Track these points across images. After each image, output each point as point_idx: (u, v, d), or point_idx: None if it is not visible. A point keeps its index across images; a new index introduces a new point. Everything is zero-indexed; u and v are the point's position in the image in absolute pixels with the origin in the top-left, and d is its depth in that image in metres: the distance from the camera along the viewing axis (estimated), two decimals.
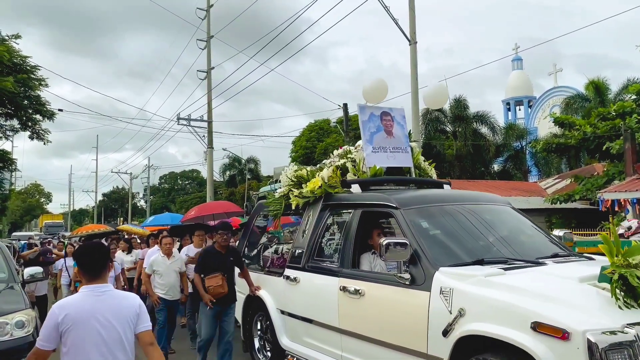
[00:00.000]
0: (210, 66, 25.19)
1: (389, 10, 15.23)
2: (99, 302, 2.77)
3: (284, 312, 5.49)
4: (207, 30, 24.85)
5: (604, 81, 22.02)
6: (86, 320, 2.69)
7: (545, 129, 25.77)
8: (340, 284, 4.64)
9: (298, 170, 5.79)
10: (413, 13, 14.99)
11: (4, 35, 21.77)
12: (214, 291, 5.59)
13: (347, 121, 27.21)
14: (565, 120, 19.94)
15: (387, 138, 5.40)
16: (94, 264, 2.88)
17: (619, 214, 14.87)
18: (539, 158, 23.99)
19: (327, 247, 5.09)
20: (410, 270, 4.04)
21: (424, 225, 4.35)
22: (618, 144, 17.42)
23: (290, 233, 6.88)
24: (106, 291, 2.84)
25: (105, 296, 2.81)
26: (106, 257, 2.98)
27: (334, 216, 5.22)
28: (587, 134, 18.80)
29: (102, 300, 2.78)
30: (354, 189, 5.06)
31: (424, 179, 5.58)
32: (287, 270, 5.45)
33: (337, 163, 5.43)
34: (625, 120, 17.55)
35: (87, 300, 2.77)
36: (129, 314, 2.81)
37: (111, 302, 2.81)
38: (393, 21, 14.89)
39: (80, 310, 2.72)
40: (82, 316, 2.70)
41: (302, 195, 5.47)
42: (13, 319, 5.02)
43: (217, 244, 5.83)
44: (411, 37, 14.60)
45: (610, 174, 18.08)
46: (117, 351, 2.73)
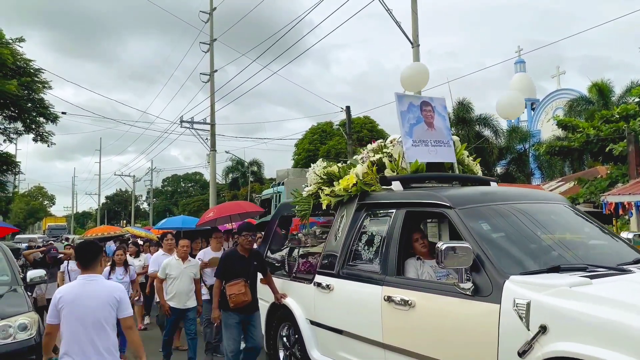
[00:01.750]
0: (213, 69, 24.72)
1: (392, 13, 14.80)
2: (85, 288, 3.40)
3: (314, 322, 4.84)
4: (210, 33, 24.40)
5: (608, 83, 21.51)
6: (73, 301, 3.34)
7: (549, 131, 25.20)
8: (384, 294, 4.00)
9: (328, 167, 5.14)
10: (416, 16, 14.55)
11: (8, 39, 21.26)
12: (236, 299, 4.95)
13: (350, 124, 26.64)
14: (568, 122, 19.49)
15: (427, 130, 4.76)
16: (86, 257, 3.50)
17: (623, 217, 14.37)
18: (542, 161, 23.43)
19: (365, 251, 4.45)
20: (474, 278, 3.41)
21: (484, 226, 3.72)
22: (622, 145, 16.95)
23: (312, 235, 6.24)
24: (94, 280, 3.46)
25: (92, 284, 3.43)
26: (97, 253, 3.56)
27: (371, 217, 4.58)
28: (590, 137, 18.34)
29: (89, 287, 3.41)
30: (395, 186, 4.42)
31: (468, 176, 4.94)
32: (318, 277, 4.80)
33: (372, 158, 4.80)
34: (628, 122, 17.13)
35: (77, 286, 3.45)
36: (108, 299, 3.39)
37: (95, 288, 3.41)
38: (396, 24, 14.46)
39: (70, 293, 3.40)
40: (70, 298, 3.36)
41: (334, 194, 4.84)
42: (16, 322, 4.96)
43: (240, 247, 5.18)
44: (414, 40, 14.22)
45: (614, 177, 17.59)
46: (95, 327, 3.32)
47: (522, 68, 29.73)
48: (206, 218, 7.67)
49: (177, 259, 6.06)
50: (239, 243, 5.20)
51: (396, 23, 14.62)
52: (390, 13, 15.04)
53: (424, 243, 4.29)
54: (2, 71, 19.98)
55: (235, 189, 38.59)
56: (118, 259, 6.89)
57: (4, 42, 20.33)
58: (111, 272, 6.77)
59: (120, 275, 6.79)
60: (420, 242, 4.28)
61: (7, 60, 19.72)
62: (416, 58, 14.37)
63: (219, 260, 5.27)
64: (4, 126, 23.29)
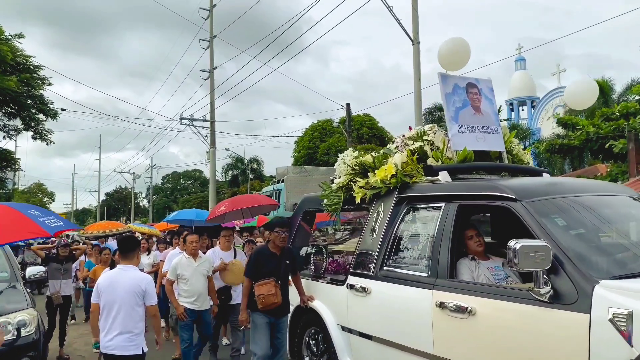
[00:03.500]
0: (212, 66, 24.07)
1: (392, 10, 14.29)
2: (119, 276, 3.93)
3: (346, 328, 4.24)
4: (210, 30, 23.79)
5: (608, 81, 21.05)
6: (108, 286, 3.88)
7: (549, 129, 24.68)
8: (436, 299, 3.41)
9: (360, 157, 4.54)
10: (416, 13, 14.08)
11: (8, 35, 20.58)
12: (265, 300, 4.37)
13: (350, 121, 26.08)
14: (568, 120, 19.07)
15: (475, 115, 4.17)
16: (125, 249, 4.05)
17: None
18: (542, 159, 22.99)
19: (408, 250, 3.85)
20: (553, 282, 2.82)
21: (559, 222, 3.13)
22: (622, 143, 16.56)
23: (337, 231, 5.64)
24: (128, 270, 3.97)
25: (126, 273, 3.94)
26: (135, 246, 4.15)
27: (413, 211, 3.98)
28: (590, 135, 17.94)
29: (122, 275, 3.93)
30: (442, 177, 3.82)
31: (519, 166, 4.35)
32: (352, 278, 4.20)
33: (412, 147, 4.20)
34: (629, 120, 16.75)
35: (113, 274, 4.00)
36: (136, 288, 3.86)
37: (126, 277, 3.91)
38: (396, 21, 14.00)
39: (108, 279, 3.95)
40: (107, 283, 3.90)
41: (369, 186, 4.23)
42: (15, 318, 4.87)
43: (271, 244, 4.58)
44: (414, 37, 13.81)
45: (614, 175, 17.18)
46: (123, 310, 3.80)
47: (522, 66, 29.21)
48: (217, 212, 6.93)
49: (188, 257, 5.44)
50: (270, 240, 4.61)
51: (396, 20, 14.13)
52: (391, 10, 14.55)
53: (479, 241, 3.70)
54: (2, 67, 19.31)
55: (235, 186, 37.76)
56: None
57: (3, 39, 19.67)
58: None
59: None
60: (476, 239, 3.69)
61: (6, 57, 19.09)
62: (416, 55, 13.91)
63: (249, 258, 4.67)
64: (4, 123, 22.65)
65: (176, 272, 5.37)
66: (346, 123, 25.88)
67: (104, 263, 7.19)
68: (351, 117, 26.65)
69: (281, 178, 23.55)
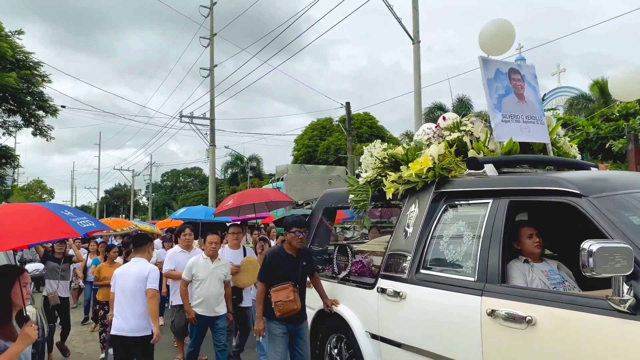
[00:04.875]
0: (213, 64, 23.59)
1: (393, 9, 13.93)
2: (130, 267, 4.44)
3: (376, 336, 3.80)
4: (210, 28, 23.32)
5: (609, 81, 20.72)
6: (119, 276, 4.41)
7: None
8: (486, 306, 2.97)
9: (389, 149, 4.09)
10: (416, 12, 13.74)
11: (7, 32, 20.05)
12: (283, 308, 3.92)
13: (350, 120, 25.69)
14: (568, 120, 18.72)
15: (518, 103, 3.74)
16: (138, 244, 4.55)
17: None
18: None
19: (450, 251, 3.40)
20: (636, 290, 2.39)
21: (635, 220, 2.70)
22: (621, 142, 16.23)
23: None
24: (138, 262, 4.44)
25: (136, 264, 4.42)
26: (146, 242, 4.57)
27: (454, 208, 3.54)
28: (589, 135, 17.62)
29: (133, 267, 4.41)
30: (489, 170, 3.39)
31: (567, 160, 3.90)
32: (383, 282, 3.76)
33: (449, 138, 3.76)
34: (628, 121, 16.42)
35: (126, 265, 4.58)
36: (140, 276, 4.30)
37: (136, 268, 4.38)
38: (397, 20, 13.66)
39: (120, 270, 4.53)
40: (119, 273, 4.45)
41: (402, 181, 3.79)
42: None
43: (287, 245, 4.12)
44: (414, 36, 13.51)
45: None
46: (132, 297, 4.26)
47: None
48: (224, 206, 6.35)
49: (205, 258, 4.98)
50: (286, 240, 4.13)
51: (397, 19, 13.78)
52: (391, 9, 14.17)
53: (538, 242, 3.27)
54: (1, 64, 18.76)
55: (234, 184, 37.17)
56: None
57: (3, 35, 19.13)
58: None
59: None
60: (536, 240, 3.25)
61: (6, 53, 18.56)
62: (416, 55, 13.59)
63: (263, 261, 4.20)
64: (3, 119, 22.14)
65: (191, 273, 4.93)
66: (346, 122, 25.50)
67: (110, 261, 6.73)
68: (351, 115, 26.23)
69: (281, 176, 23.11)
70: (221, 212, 6.40)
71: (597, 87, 20.78)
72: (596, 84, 20.76)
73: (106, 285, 6.36)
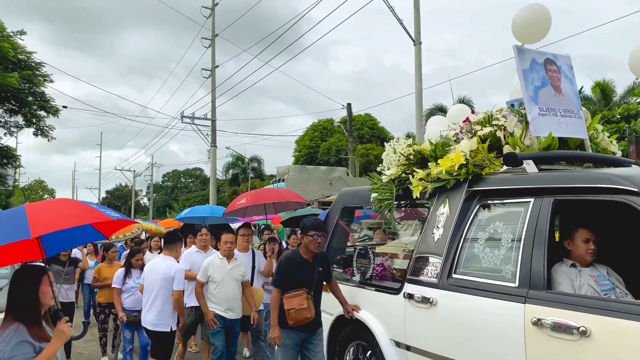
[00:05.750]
0: (214, 65, 23.26)
1: (394, 11, 13.69)
2: (159, 264, 4.64)
3: (402, 344, 3.49)
4: (212, 28, 22.98)
5: (610, 83, 20.48)
6: (148, 272, 4.64)
7: None
8: (531, 315, 2.67)
9: (415, 144, 3.78)
10: (418, 13, 13.48)
11: (9, 32, 19.77)
12: (297, 316, 3.62)
13: (351, 121, 25.43)
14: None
15: (555, 96, 3.44)
16: (167, 242, 4.80)
17: None
18: None
19: (486, 254, 3.10)
20: None
21: None
22: (622, 145, 15.98)
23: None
24: (166, 259, 4.66)
25: (164, 262, 4.63)
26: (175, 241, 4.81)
27: (489, 208, 3.24)
28: None
29: (161, 264, 4.62)
30: (528, 167, 3.09)
31: (606, 157, 3.59)
32: (410, 287, 3.45)
33: (481, 132, 3.47)
34: (630, 123, 16.18)
35: (155, 262, 4.79)
36: (167, 274, 4.48)
37: (163, 265, 4.58)
38: (398, 22, 13.38)
39: (150, 265, 4.74)
40: (149, 269, 4.67)
41: (431, 179, 3.49)
42: None
43: (303, 249, 3.81)
44: (416, 38, 13.22)
45: None
46: (155, 293, 4.47)
47: None
48: (236, 204, 5.99)
49: (221, 259, 4.67)
50: (302, 244, 3.82)
51: (398, 21, 13.52)
52: (393, 10, 13.93)
53: (593, 249, 2.92)
54: (3, 64, 18.47)
55: (235, 185, 36.79)
56: (136, 262, 5.49)
57: (5, 35, 18.84)
58: (127, 276, 5.35)
59: (137, 279, 5.38)
60: (591, 246, 2.91)
61: (8, 54, 18.27)
62: (418, 56, 13.34)
63: (278, 266, 3.89)
64: (5, 119, 21.85)
65: (207, 274, 4.63)
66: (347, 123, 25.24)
67: (109, 261, 6.41)
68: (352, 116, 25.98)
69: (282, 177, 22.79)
70: (232, 211, 6.02)
71: (598, 88, 20.54)
72: (597, 85, 20.51)
73: (106, 286, 6.04)
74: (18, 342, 2.30)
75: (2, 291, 5.56)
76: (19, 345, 2.30)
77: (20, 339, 2.31)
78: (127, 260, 5.49)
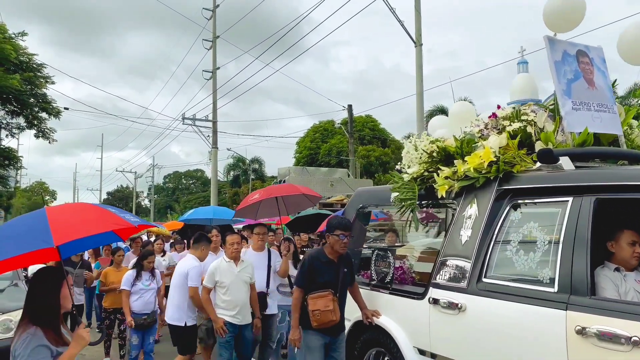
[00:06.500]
0: (215, 66, 23.05)
1: (395, 12, 13.50)
2: (180, 262, 4.88)
3: (426, 352, 3.26)
4: (213, 30, 22.78)
5: None
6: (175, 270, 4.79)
7: None
8: (574, 323, 2.44)
9: (438, 141, 3.55)
10: (419, 15, 13.30)
11: (11, 33, 19.54)
12: (321, 318, 3.40)
13: (352, 123, 25.22)
14: None
15: (588, 89, 3.22)
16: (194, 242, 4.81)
17: None
18: None
19: (520, 257, 2.88)
20: None
21: None
22: None
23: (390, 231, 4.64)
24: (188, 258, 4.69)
25: (186, 260, 4.69)
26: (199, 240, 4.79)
27: (522, 207, 3.01)
28: None
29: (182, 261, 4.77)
30: (565, 163, 2.86)
31: None
32: (435, 291, 3.22)
33: (510, 128, 3.24)
34: None
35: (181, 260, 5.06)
36: (183, 271, 4.53)
37: (182, 262, 4.74)
38: (399, 23, 13.21)
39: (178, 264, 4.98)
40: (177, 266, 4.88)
41: (457, 177, 3.26)
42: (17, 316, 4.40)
43: (328, 249, 3.59)
44: (417, 39, 13.06)
45: None
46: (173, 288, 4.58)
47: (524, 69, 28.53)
48: (249, 200, 5.54)
49: (228, 262, 4.41)
50: (328, 243, 3.59)
51: (399, 22, 13.35)
52: (394, 12, 13.74)
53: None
54: (5, 66, 18.24)
55: (236, 186, 36.51)
56: (148, 265, 5.26)
57: (6, 37, 18.61)
58: (137, 279, 5.12)
59: (147, 282, 5.15)
60: (638, 250, 2.69)
61: (9, 55, 18.04)
62: (419, 57, 13.16)
63: (301, 264, 3.67)
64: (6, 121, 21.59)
65: (214, 279, 4.37)
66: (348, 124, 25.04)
67: (116, 265, 6.16)
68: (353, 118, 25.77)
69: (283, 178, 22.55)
70: (245, 208, 5.69)
71: None
72: None
73: (112, 290, 5.80)
74: (36, 347, 2.27)
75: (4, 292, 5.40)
76: (37, 349, 2.26)
77: (37, 343, 2.28)
78: (139, 262, 5.26)
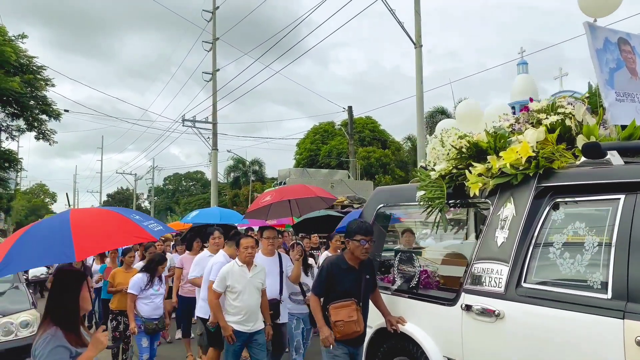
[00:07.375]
0: (215, 68, 22.82)
1: (395, 14, 13.32)
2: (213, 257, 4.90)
3: None
4: (213, 32, 22.57)
5: None
6: None
7: None
8: (634, 334, 2.19)
9: (467, 136, 3.29)
10: (419, 16, 13.13)
11: (11, 36, 19.30)
12: (345, 329, 3.14)
13: (352, 124, 24.99)
14: None
15: (632, 80, 2.99)
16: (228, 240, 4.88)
17: None
18: None
19: (565, 260, 2.62)
20: None
21: None
22: None
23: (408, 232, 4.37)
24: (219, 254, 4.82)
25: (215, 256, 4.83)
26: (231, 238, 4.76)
27: (565, 206, 2.76)
28: None
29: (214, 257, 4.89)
30: (613, 158, 2.61)
31: None
32: (468, 297, 2.96)
33: (546, 121, 2.99)
34: None
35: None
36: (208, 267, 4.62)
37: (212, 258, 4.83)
38: (399, 25, 13.05)
39: None
40: None
41: (493, 174, 3.01)
42: (18, 319, 4.75)
43: (348, 255, 3.32)
44: (416, 41, 12.87)
45: None
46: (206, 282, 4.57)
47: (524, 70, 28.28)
48: (261, 203, 5.18)
49: (241, 266, 4.14)
50: (348, 249, 3.32)
51: (399, 24, 13.18)
52: (394, 13, 13.56)
53: None
54: (5, 68, 17.98)
55: (236, 188, 36.12)
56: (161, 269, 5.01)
57: (6, 39, 18.35)
58: (148, 285, 4.86)
59: (156, 286, 4.90)
60: None
61: (9, 58, 17.79)
62: (419, 59, 13.00)
63: (319, 271, 3.40)
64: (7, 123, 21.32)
65: (225, 284, 4.09)
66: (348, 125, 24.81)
67: (126, 266, 5.89)
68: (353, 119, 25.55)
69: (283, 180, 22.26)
70: (255, 210, 5.38)
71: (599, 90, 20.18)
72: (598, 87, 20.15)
73: (119, 291, 5.57)
74: (55, 347, 2.28)
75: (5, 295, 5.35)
76: (56, 350, 2.28)
77: (57, 344, 2.29)
78: (152, 266, 5.00)
